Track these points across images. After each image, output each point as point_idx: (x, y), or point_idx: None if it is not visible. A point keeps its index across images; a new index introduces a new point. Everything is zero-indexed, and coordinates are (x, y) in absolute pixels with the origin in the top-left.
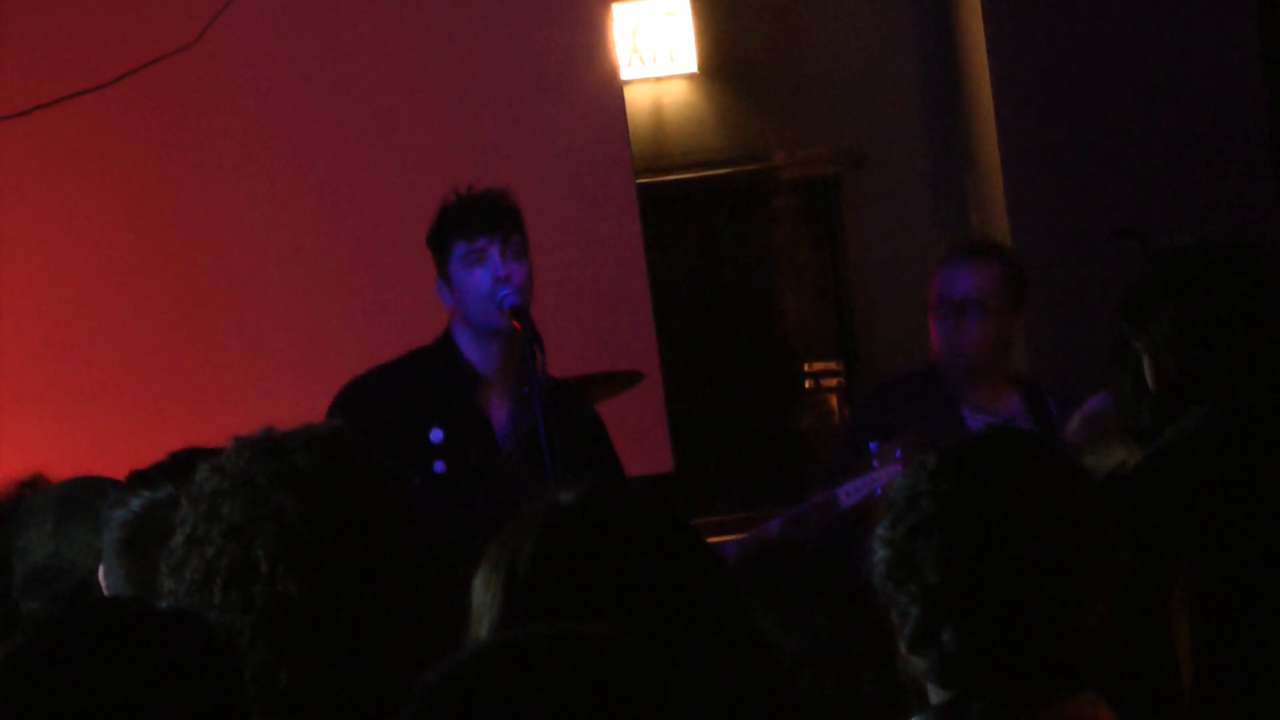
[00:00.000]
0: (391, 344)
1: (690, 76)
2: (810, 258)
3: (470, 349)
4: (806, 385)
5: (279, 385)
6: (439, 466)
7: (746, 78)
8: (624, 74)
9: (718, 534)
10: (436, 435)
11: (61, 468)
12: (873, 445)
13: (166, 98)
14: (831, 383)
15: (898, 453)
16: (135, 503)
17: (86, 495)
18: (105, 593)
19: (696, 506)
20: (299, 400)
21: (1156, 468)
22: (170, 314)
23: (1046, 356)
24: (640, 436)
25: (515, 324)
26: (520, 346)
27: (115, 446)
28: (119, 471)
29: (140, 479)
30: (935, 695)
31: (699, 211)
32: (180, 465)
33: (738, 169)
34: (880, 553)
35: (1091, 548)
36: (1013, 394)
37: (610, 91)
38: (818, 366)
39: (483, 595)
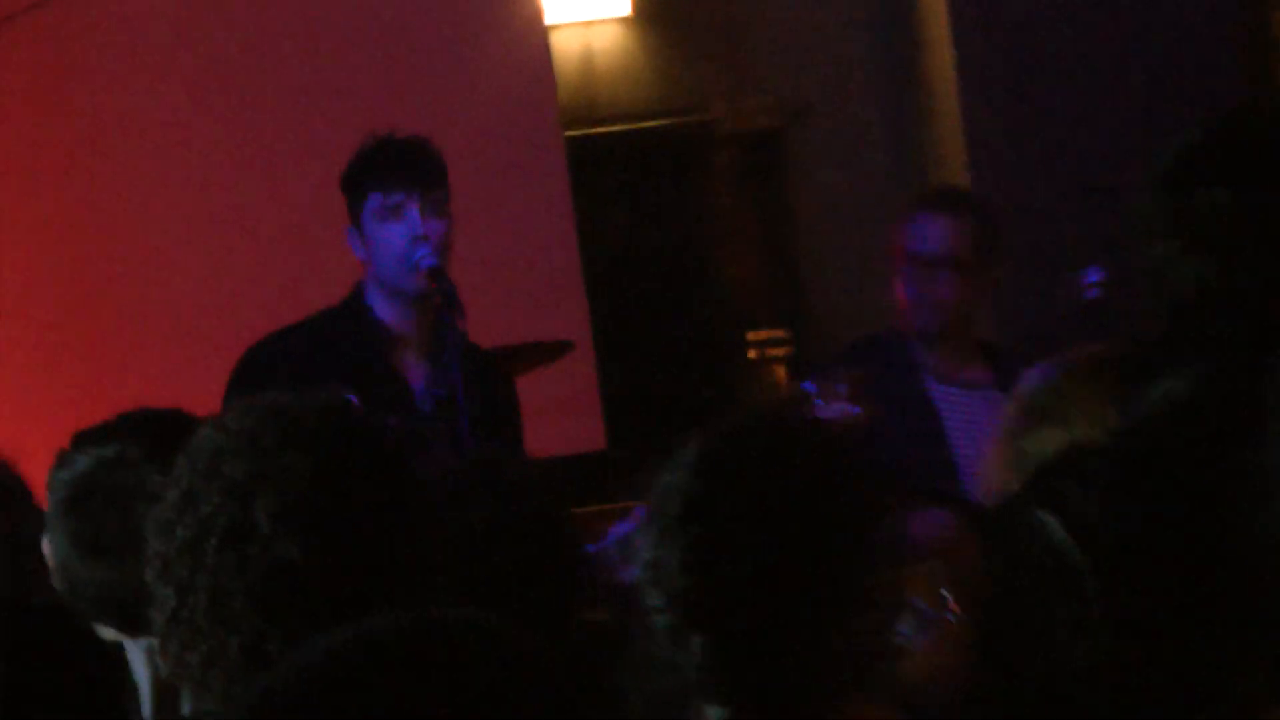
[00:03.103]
0: (310, 299)
1: (623, 20)
2: (753, 217)
3: (383, 308)
4: (750, 355)
5: (191, 347)
6: None
7: (683, 21)
8: (549, 16)
9: None
10: (352, 399)
11: None
12: (808, 385)
13: (55, 41)
14: (778, 352)
15: (840, 388)
16: (82, 461)
17: None
18: (48, 559)
19: (631, 487)
20: (208, 361)
21: (1114, 448)
22: (68, 271)
23: (1010, 321)
24: (570, 411)
25: (433, 286)
26: (436, 308)
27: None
28: None
29: (87, 437)
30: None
31: (632, 167)
32: (130, 425)
33: (674, 121)
34: (639, 553)
35: (857, 553)
36: (980, 362)
37: (534, 35)
38: (762, 335)
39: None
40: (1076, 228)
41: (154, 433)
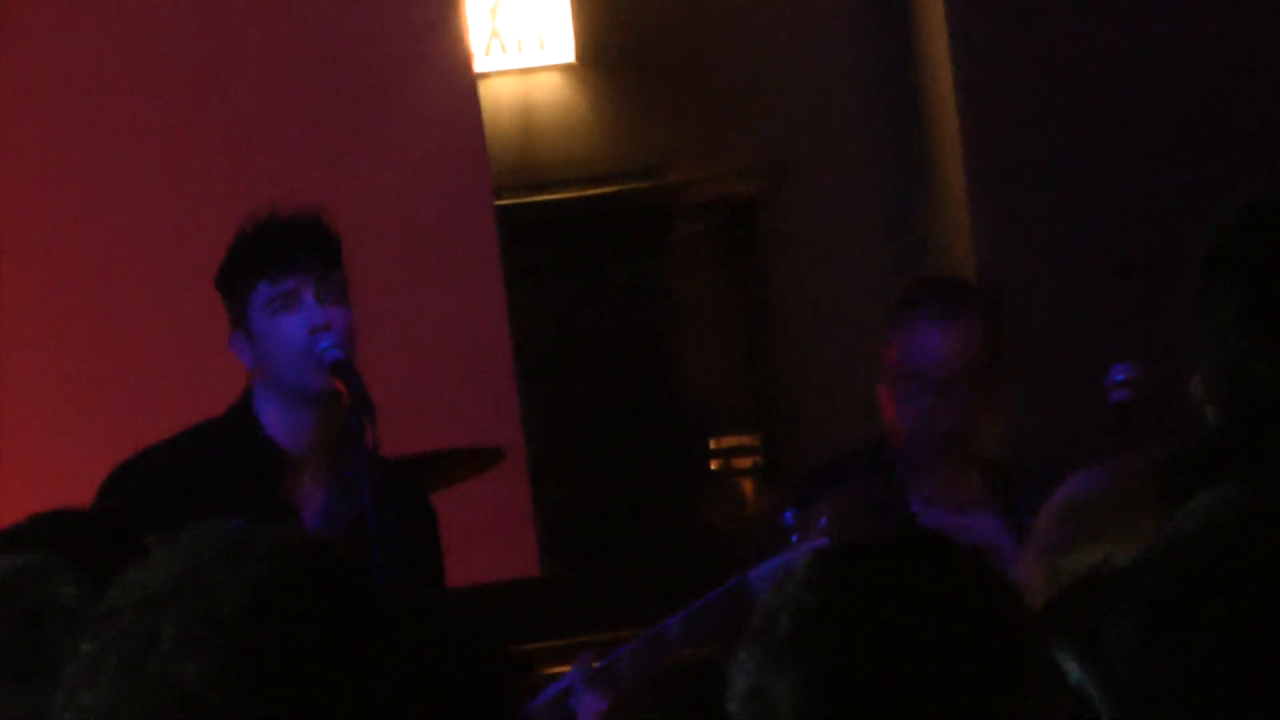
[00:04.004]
0: (196, 405)
1: (566, 67)
2: (720, 301)
3: (275, 420)
4: (713, 466)
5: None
6: None
7: (638, 70)
8: (480, 64)
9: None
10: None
11: None
12: (787, 516)
13: None
14: (745, 463)
15: (822, 521)
16: None
17: None
18: None
19: (569, 622)
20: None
21: (1142, 572)
22: None
23: (1020, 423)
24: (500, 531)
25: (337, 384)
26: (341, 414)
27: None
28: None
29: None
30: None
31: (578, 241)
32: (43, 529)
33: (627, 186)
34: (735, 681)
35: (1005, 690)
36: (976, 481)
37: (461, 87)
38: (728, 442)
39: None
40: (1101, 313)
41: (71, 538)
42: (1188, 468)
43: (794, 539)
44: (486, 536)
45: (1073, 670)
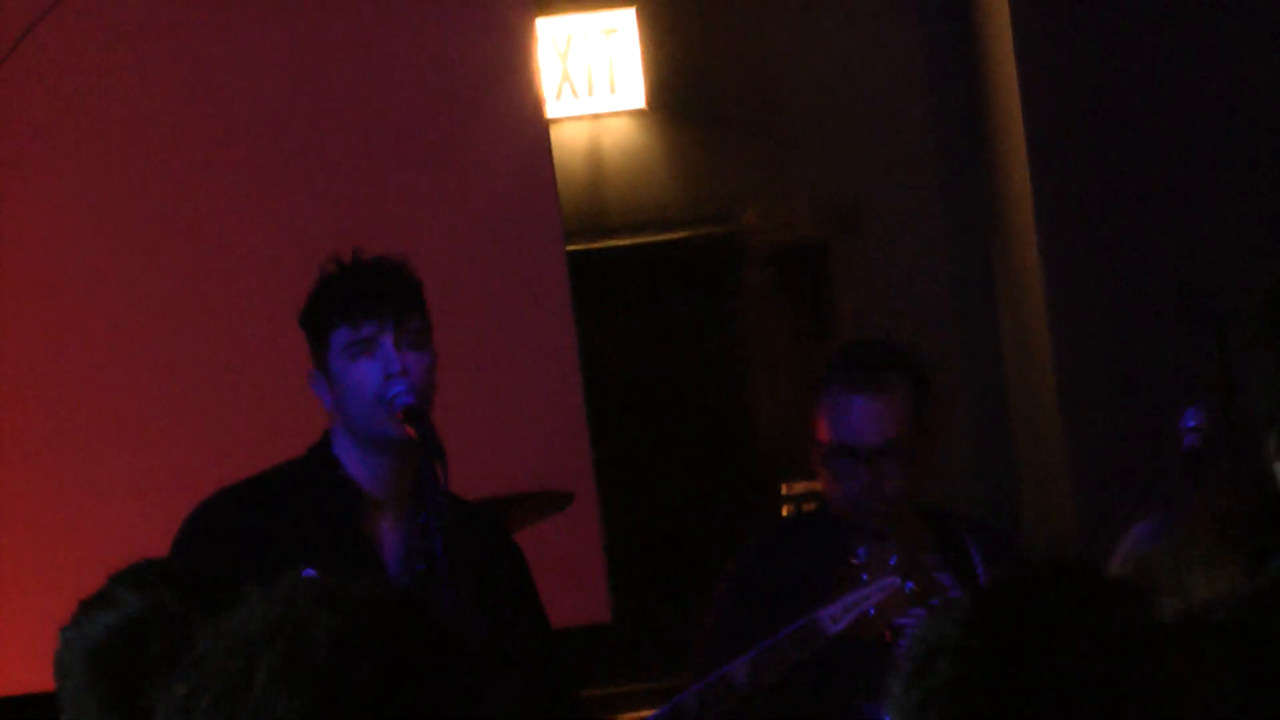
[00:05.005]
0: (267, 450)
1: (636, 113)
2: (790, 344)
3: (354, 461)
4: (785, 512)
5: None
6: None
7: (706, 114)
8: (551, 109)
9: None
10: (310, 574)
11: None
12: (861, 551)
13: None
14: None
15: (893, 560)
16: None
17: None
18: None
19: (640, 667)
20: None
21: (1239, 619)
22: None
23: (1096, 486)
24: (570, 575)
25: (410, 430)
26: (417, 459)
27: None
28: None
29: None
30: None
31: (648, 286)
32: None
33: (697, 231)
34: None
35: None
36: (921, 531)
37: (533, 131)
38: (800, 487)
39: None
40: (1169, 359)
41: (163, 590)
42: (1257, 523)
43: (864, 577)
44: (557, 580)
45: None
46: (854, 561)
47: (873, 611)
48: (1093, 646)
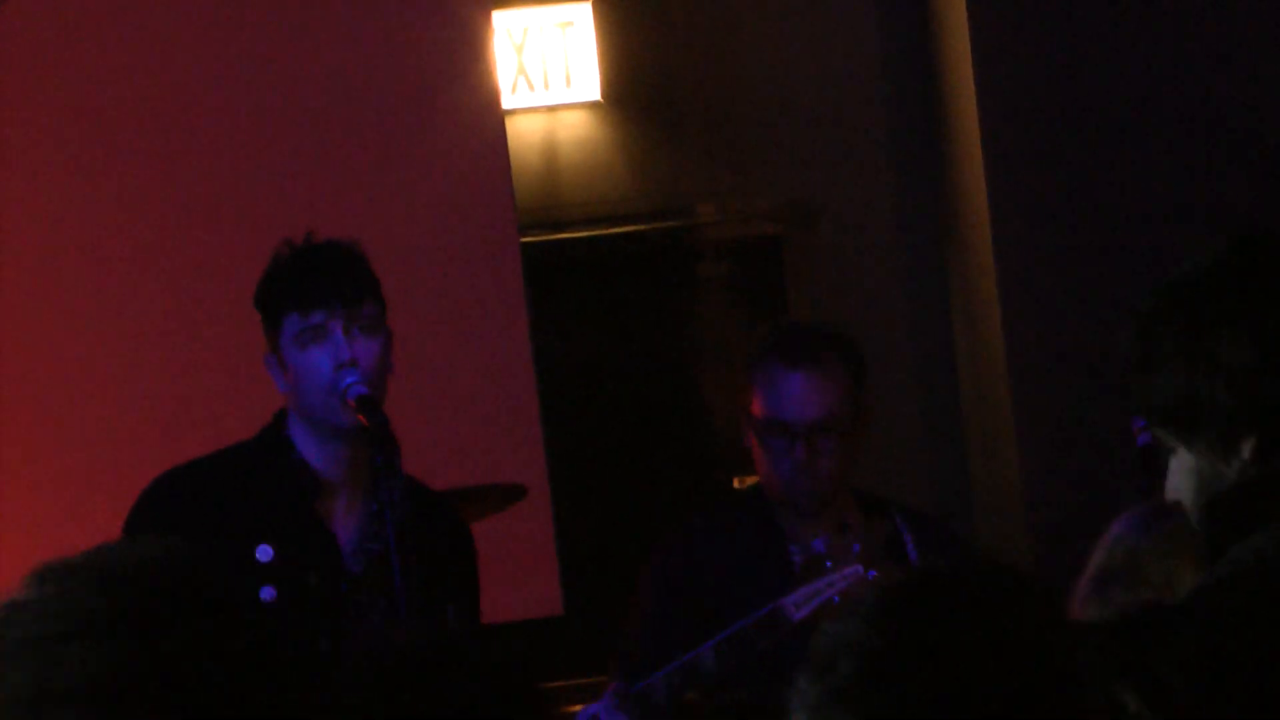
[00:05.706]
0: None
1: (591, 105)
2: (744, 341)
3: (308, 445)
4: None
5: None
6: (267, 593)
7: (663, 107)
8: (507, 101)
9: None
10: (265, 553)
11: None
12: (817, 544)
13: None
14: None
15: (855, 547)
16: None
17: None
18: None
19: (592, 660)
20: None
21: (1193, 612)
22: None
23: (1047, 481)
24: (522, 568)
25: (362, 419)
26: (371, 445)
27: None
28: None
29: None
30: None
31: (601, 279)
32: None
33: (653, 226)
34: (794, 714)
35: None
36: (854, 515)
37: (489, 123)
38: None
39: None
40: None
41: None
42: (1228, 512)
43: (828, 565)
44: (510, 573)
45: (1131, 702)
46: (817, 550)
47: (837, 599)
48: (995, 648)
